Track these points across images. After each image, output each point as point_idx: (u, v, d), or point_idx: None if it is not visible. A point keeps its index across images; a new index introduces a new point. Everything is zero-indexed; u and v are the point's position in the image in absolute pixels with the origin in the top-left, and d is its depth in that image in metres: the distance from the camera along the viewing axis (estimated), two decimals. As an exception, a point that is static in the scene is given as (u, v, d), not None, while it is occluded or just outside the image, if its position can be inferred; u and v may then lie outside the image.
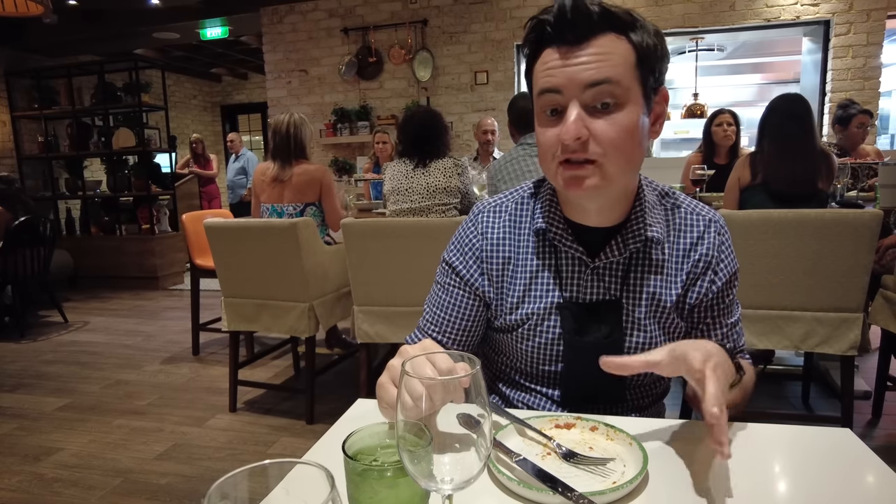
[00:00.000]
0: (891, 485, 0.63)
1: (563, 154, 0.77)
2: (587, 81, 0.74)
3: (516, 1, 5.26)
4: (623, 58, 0.75)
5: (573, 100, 0.75)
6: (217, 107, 10.62)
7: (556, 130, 0.78)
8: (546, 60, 0.78)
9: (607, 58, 0.74)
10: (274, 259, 2.46)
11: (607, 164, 0.77)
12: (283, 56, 5.93)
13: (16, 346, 4.05)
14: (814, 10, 4.71)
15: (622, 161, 0.77)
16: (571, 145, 0.75)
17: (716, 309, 0.91)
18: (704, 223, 0.90)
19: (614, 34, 0.76)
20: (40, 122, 6.24)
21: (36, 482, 2.17)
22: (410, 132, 2.80)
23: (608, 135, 0.75)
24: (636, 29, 0.77)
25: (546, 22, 0.77)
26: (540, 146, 0.82)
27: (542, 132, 0.81)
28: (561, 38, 0.76)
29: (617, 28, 0.76)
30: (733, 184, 2.60)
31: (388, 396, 0.71)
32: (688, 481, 0.65)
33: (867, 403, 2.51)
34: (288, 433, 2.53)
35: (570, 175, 0.78)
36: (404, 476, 0.50)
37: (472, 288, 0.93)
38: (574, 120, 0.75)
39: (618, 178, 0.79)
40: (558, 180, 0.80)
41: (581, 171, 0.77)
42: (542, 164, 0.83)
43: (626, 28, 0.76)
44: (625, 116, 0.76)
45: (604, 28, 0.75)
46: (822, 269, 1.93)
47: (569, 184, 0.79)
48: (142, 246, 5.90)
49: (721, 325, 0.91)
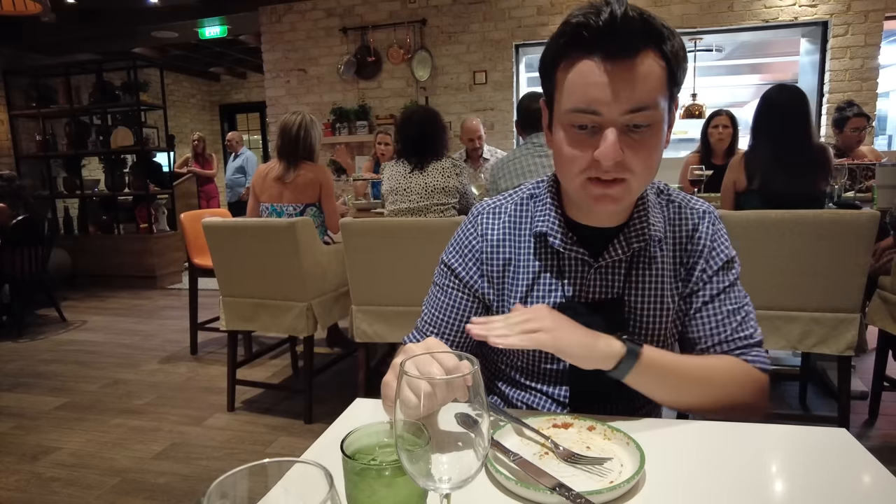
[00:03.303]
0: (887, 485, 0.63)
1: (597, 173, 0.76)
2: (630, 107, 0.72)
3: (515, 1, 5.26)
4: (660, 78, 0.74)
5: (613, 124, 0.73)
6: (215, 106, 10.61)
7: (586, 146, 0.76)
8: (585, 72, 0.73)
9: (649, 80, 0.72)
10: (272, 258, 2.46)
11: (635, 181, 0.77)
12: (282, 55, 5.92)
13: (14, 345, 4.04)
14: (812, 11, 4.72)
15: (648, 176, 0.79)
16: (610, 169, 0.75)
17: (706, 293, 0.89)
18: (699, 215, 0.91)
19: (653, 49, 0.73)
20: (38, 121, 6.23)
21: (34, 481, 2.17)
22: (408, 132, 2.80)
23: (640, 156, 0.75)
24: (668, 39, 0.74)
25: (585, 26, 0.71)
26: (563, 158, 0.79)
27: (567, 147, 0.78)
28: (603, 48, 0.72)
29: (656, 42, 0.73)
30: (728, 187, 2.56)
31: (392, 394, 0.71)
32: (685, 481, 0.65)
33: (864, 404, 2.51)
34: (286, 433, 2.53)
35: (601, 193, 0.78)
36: (402, 475, 0.50)
37: (471, 290, 0.93)
38: (613, 143, 0.73)
39: (640, 191, 0.81)
40: (585, 196, 0.80)
41: (611, 190, 0.77)
42: (565, 176, 0.82)
43: (662, 41, 0.73)
44: (655, 137, 0.76)
45: (647, 43, 0.72)
46: (820, 270, 1.93)
47: (598, 200, 0.79)
48: (140, 245, 5.89)
49: (715, 310, 0.89)
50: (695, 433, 0.77)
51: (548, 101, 0.84)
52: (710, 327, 0.89)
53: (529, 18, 5.25)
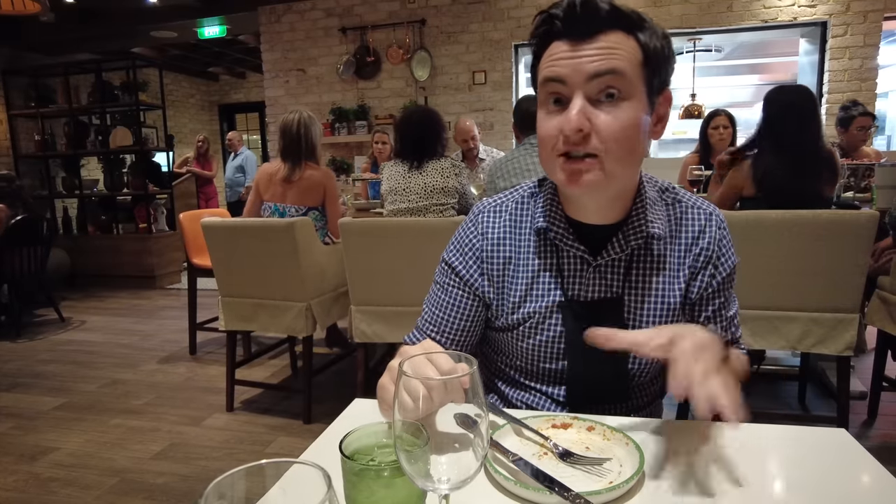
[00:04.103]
0: (886, 485, 0.63)
1: (564, 146, 0.77)
2: (592, 72, 0.74)
3: (514, 1, 5.26)
4: (630, 54, 0.76)
5: (577, 90, 0.75)
6: (215, 106, 10.60)
7: (557, 121, 0.77)
8: (553, 52, 0.78)
9: (614, 51, 0.75)
10: (271, 258, 2.46)
11: (608, 159, 0.76)
12: (281, 55, 5.92)
13: (12, 345, 4.03)
14: (811, 12, 4.72)
15: (622, 156, 0.77)
16: (573, 137, 0.75)
17: (716, 303, 0.91)
18: (705, 216, 0.90)
19: (622, 32, 0.76)
20: (37, 121, 6.22)
21: (32, 482, 2.17)
22: (407, 132, 2.80)
23: (610, 128, 0.75)
24: (644, 29, 0.77)
25: (555, 16, 0.77)
26: (540, 139, 0.81)
27: (543, 123, 0.80)
28: (569, 31, 0.76)
29: (625, 27, 0.76)
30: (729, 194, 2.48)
31: (388, 397, 0.71)
32: (684, 481, 0.65)
33: (863, 404, 2.51)
34: (285, 433, 2.52)
35: (571, 169, 0.77)
36: (401, 476, 0.50)
37: (472, 288, 0.93)
38: (577, 111, 0.75)
39: (618, 173, 0.78)
40: (558, 175, 0.80)
41: (581, 166, 0.77)
42: (543, 159, 0.82)
43: (634, 27, 0.77)
44: (627, 111, 0.76)
45: (612, 25, 0.76)
46: (819, 270, 1.93)
47: (570, 178, 0.78)
48: (139, 245, 5.89)
49: (720, 317, 0.92)
50: (694, 433, 0.77)
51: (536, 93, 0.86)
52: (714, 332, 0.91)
53: (528, 18, 5.24)
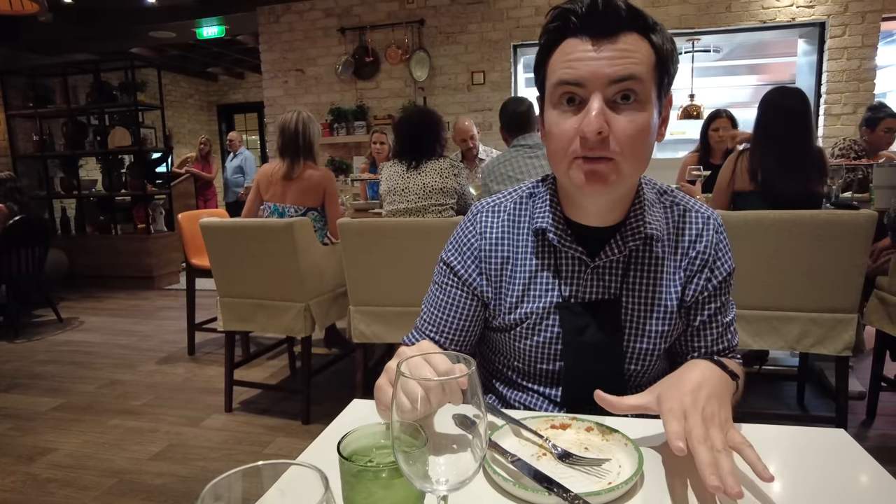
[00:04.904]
0: (885, 485, 0.63)
1: (582, 150, 0.76)
2: (613, 77, 0.73)
3: (513, 1, 5.26)
4: (645, 57, 0.75)
5: (596, 93, 0.74)
6: (213, 106, 10.59)
7: (573, 122, 0.76)
8: (569, 51, 0.76)
9: (633, 55, 0.74)
10: (270, 259, 2.46)
11: (623, 162, 0.76)
12: (280, 55, 5.92)
13: (10, 345, 4.03)
14: (809, 12, 4.73)
15: (636, 160, 0.77)
16: (592, 140, 0.74)
17: (711, 307, 0.91)
18: (703, 220, 0.90)
19: (638, 34, 0.76)
20: (35, 121, 6.21)
21: (30, 482, 2.16)
22: (405, 133, 2.80)
23: (627, 132, 0.75)
24: (657, 31, 0.77)
25: (573, 12, 0.75)
26: (553, 139, 0.79)
27: (557, 123, 0.78)
28: (588, 30, 0.75)
29: (641, 28, 0.76)
30: (723, 186, 2.54)
31: (385, 399, 0.71)
32: (683, 482, 0.65)
33: (861, 404, 2.52)
34: (284, 433, 2.52)
35: (590, 169, 0.76)
36: (399, 477, 0.50)
37: (470, 288, 0.93)
38: (597, 113, 0.73)
39: (629, 177, 0.79)
40: (574, 175, 0.78)
41: (599, 166, 0.76)
42: (554, 159, 0.81)
43: (649, 30, 0.76)
44: (643, 115, 0.76)
45: (630, 26, 0.75)
46: (818, 270, 1.94)
47: (589, 178, 0.77)
48: (137, 245, 5.88)
49: (716, 323, 0.92)
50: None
51: (540, 90, 0.84)
52: (711, 339, 0.92)
53: (527, 19, 5.25)
